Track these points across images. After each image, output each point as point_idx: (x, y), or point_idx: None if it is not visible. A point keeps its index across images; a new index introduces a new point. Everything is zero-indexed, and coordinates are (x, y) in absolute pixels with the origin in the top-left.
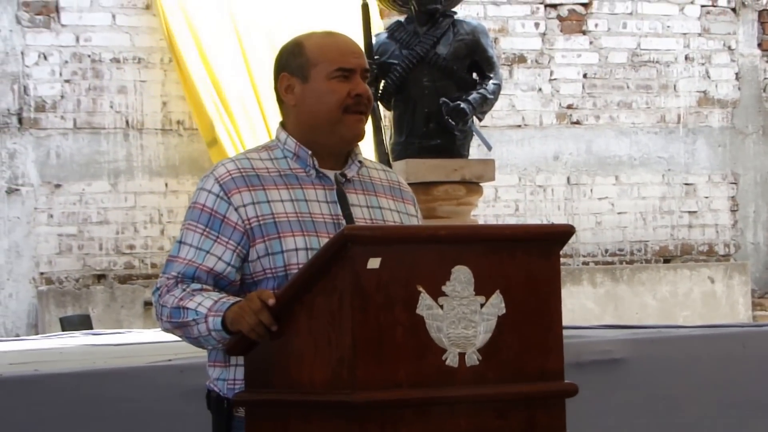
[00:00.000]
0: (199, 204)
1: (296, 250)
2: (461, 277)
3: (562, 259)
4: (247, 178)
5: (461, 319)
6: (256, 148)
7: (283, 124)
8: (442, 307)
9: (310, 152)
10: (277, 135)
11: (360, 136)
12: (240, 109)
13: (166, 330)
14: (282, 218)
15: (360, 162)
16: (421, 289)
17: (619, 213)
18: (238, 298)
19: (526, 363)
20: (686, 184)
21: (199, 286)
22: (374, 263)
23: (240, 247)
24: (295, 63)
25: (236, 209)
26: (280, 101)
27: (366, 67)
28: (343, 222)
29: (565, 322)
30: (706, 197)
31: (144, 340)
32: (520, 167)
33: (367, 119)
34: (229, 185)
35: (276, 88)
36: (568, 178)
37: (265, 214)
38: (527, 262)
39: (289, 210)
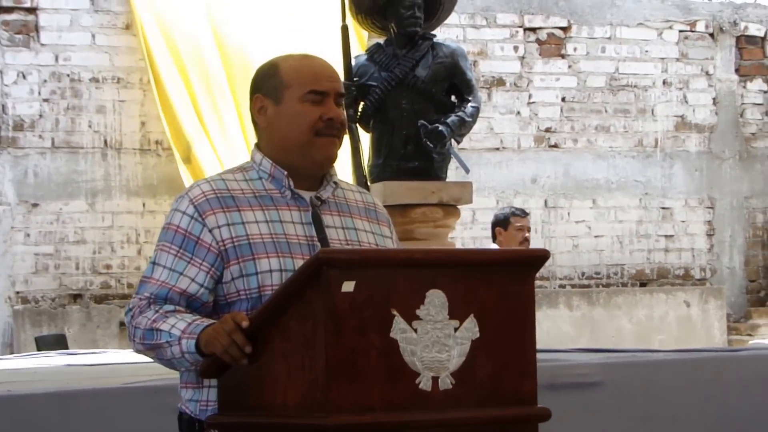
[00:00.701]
0: (173, 225)
1: (270, 271)
2: (435, 300)
3: (538, 282)
4: (222, 200)
5: (435, 342)
6: (231, 170)
7: (258, 146)
8: (416, 330)
9: (285, 173)
10: (252, 156)
11: (332, 159)
12: (218, 129)
13: (139, 351)
14: (256, 240)
15: (335, 183)
16: (395, 312)
17: (595, 236)
18: (211, 320)
19: (499, 387)
20: (663, 208)
21: (172, 307)
22: (348, 286)
23: (214, 269)
24: (269, 84)
25: (210, 231)
26: (255, 122)
27: (340, 92)
28: (318, 244)
29: (540, 345)
30: (683, 221)
31: (119, 361)
32: (498, 190)
33: (340, 143)
34: (204, 206)
35: (250, 109)
36: (546, 201)
37: (240, 236)
38: (502, 286)
39: (263, 231)
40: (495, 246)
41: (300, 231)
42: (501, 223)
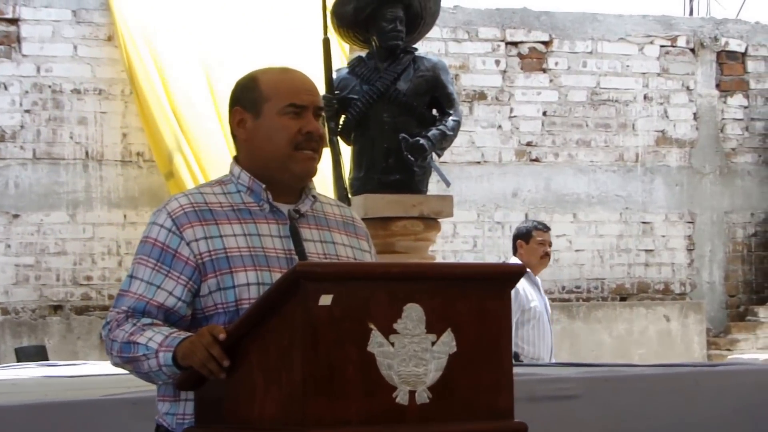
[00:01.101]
0: (151, 238)
1: (248, 285)
2: (413, 314)
3: None
4: (200, 213)
5: (412, 356)
6: (209, 183)
7: (236, 159)
8: (393, 344)
9: (264, 186)
10: (231, 169)
11: (311, 173)
12: (203, 142)
13: (116, 364)
14: (234, 253)
15: (314, 197)
16: (372, 326)
17: (576, 250)
18: (189, 333)
19: (476, 401)
20: (643, 222)
21: (149, 320)
22: (326, 300)
23: (191, 282)
24: (248, 97)
25: (188, 244)
26: (234, 135)
27: (319, 105)
28: (296, 257)
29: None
30: (663, 236)
31: (99, 372)
32: (479, 203)
33: (319, 157)
34: (182, 220)
35: (229, 122)
36: (527, 215)
37: (217, 249)
38: (478, 300)
39: (241, 245)
40: (515, 259)
41: (278, 244)
42: (523, 236)
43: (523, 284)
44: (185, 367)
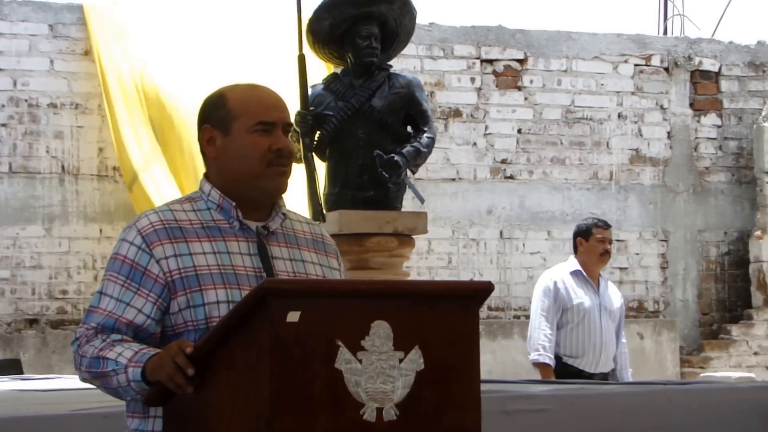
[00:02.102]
0: (121, 255)
1: (218, 302)
2: (380, 331)
3: (493, 313)
4: (170, 230)
5: (380, 373)
6: (179, 200)
7: (206, 176)
8: (360, 361)
9: (233, 204)
10: (201, 186)
11: (282, 188)
12: (166, 159)
13: (85, 380)
14: (204, 271)
15: (284, 214)
16: (340, 343)
17: (550, 268)
18: (158, 350)
19: (443, 419)
20: (617, 240)
21: (119, 336)
22: (293, 316)
23: (161, 300)
24: (217, 115)
25: (158, 261)
26: (203, 153)
27: (288, 122)
28: (265, 275)
29: (494, 375)
30: (637, 254)
31: (73, 386)
32: (454, 220)
33: (290, 173)
34: (152, 237)
35: (198, 139)
36: (501, 232)
37: (187, 267)
38: (446, 318)
39: (211, 262)
40: (573, 260)
41: (248, 262)
42: (583, 233)
43: (566, 282)
44: (153, 382)
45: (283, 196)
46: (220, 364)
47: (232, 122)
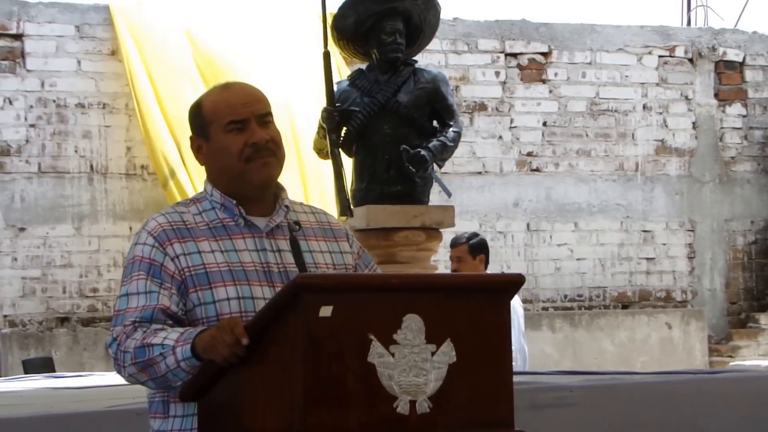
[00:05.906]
0: (138, 256)
1: (228, 299)
2: (412, 325)
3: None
4: (178, 231)
5: (412, 367)
6: (184, 202)
7: (208, 177)
8: (393, 355)
9: (234, 202)
10: (204, 187)
11: (270, 179)
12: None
13: (131, 375)
14: (213, 269)
15: (287, 206)
16: (372, 337)
17: (577, 259)
18: (202, 328)
19: (476, 411)
20: (644, 231)
21: (159, 325)
22: (326, 311)
23: (179, 294)
24: (196, 124)
25: (172, 259)
26: (197, 160)
27: (261, 112)
28: (272, 270)
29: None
30: (664, 244)
31: (105, 383)
32: (481, 213)
33: (278, 160)
34: (162, 237)
35: (191, 148)
36: (528, 225)
37: (197, 265)
38: (477, 311)
39: (219, 260)
40: None
41: (255, 258)
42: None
43: None
44: (206, 360)
45: (289, 189)
46: (254, 358)
47: (208, 128)
